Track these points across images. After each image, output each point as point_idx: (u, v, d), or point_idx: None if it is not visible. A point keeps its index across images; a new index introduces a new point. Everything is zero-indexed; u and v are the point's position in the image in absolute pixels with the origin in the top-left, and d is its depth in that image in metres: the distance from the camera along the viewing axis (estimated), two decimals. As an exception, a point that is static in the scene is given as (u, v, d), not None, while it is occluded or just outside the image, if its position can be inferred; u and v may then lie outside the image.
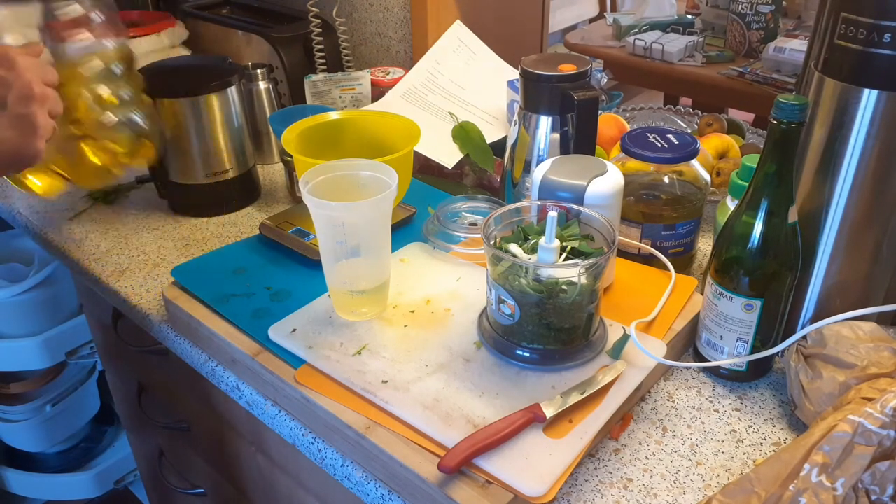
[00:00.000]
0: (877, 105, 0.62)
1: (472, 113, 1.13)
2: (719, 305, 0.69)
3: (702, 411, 0.70)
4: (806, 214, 0.68)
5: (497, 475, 0.58)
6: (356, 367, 0.69)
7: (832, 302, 0.71)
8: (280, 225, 0.90)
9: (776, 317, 0.70)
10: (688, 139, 0.86)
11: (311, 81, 1.19)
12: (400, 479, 0.61)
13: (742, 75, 1.97)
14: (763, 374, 0.74)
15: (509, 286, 0.67)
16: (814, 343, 0.66)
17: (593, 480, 0.62)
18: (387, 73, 1.24)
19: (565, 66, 0.85)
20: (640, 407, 0.70)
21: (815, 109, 0.66)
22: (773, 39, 2.00)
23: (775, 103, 0.62)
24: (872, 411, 0.54)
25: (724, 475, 0.63)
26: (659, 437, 0.67)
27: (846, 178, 0.65)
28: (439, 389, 0.66)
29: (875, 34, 0.59)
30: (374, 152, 0.89)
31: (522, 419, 0.61)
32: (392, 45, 1.41)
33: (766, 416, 0.69)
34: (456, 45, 1.20)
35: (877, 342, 0.63)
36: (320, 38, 1.29)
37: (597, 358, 0.69)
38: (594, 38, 2.34)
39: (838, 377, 0.62)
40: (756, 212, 0.66)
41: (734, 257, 0.68)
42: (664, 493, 0.61)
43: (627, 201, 0.84)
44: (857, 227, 0.67)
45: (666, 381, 0.74)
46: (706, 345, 0.73)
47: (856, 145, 0.64)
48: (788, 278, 0.68)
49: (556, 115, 0.87)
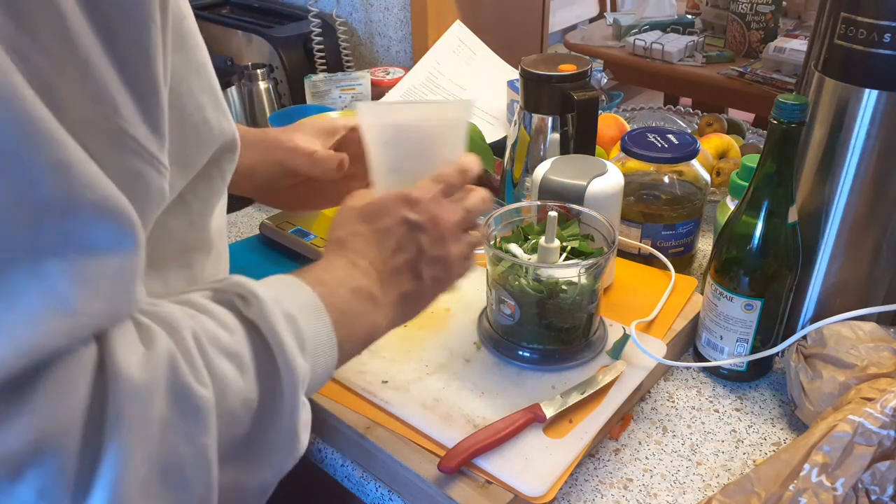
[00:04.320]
0: (877, 105, 0.62)
1: (472, 113, 1.13)
2: (719, 305, 0.69)
3: (702, 411, 0.70)
4: (806, 214, 0.68)
5: (497, 475, 0.58)
6: (356, 367, 0.69)
7: (832, 302, 0.71)
8: (280, 225, 0.90)
9: (776, 317, 0.70)
10: (688, 139, 0.86)
11: (311, 81, 1.19)
12: (400, 479, 0.61)
13: (742, 75, 1.97)
14: (763, 374, 0.74)
15: (509, 286, 0.67)
16: (814, 343, 0.66)
17: (593, 480, 0.62)
18: (387, 73, 1.24)
19: (565, 66, 0.85)
20: (640, 407, 0.70)
21: (815, 109, 0.66)
22: (773, 39, 2.00)
23: (775, 103, 0.62)
24: (872, 411, 0.54)
25: (724, 475, 0.63)
26: (659, 437, 0.67)
27: (846, 178, 0.65)
28: (439, 389, 0.66)
29: (875, 34, 0.59)
30: (374, 152, 0.89)
31: (522, 419, 0.61)
32: (392, 45, 1.41)
33: (766, 416, 0.69)
34: (456, 45, 1.20)
35: (877, 342, 0.63)
36: (320, 37, 1.29)
37: (597, 358, 0.69)
38: (594, 38, 2.34)
39: (838, 377, 0.62)
40: (756, 212, 0.66)
41: (734, 257, 0.68)
42: (664, 493, 0.61)
43: (627, 201, 0.84)
44: (857, 227, 0.67)
45: (666, 381, 0.74)
46: (706, 345, 0.73)
47: (856, 145, 0.64)
48: (788, 278, 0.68)
49: (556, 115, 0.87)
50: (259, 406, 0.40)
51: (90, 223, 0.31)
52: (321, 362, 0.46)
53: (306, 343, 0.44)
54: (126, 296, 0.34)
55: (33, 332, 0.29)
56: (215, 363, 0.39)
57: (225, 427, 0.38)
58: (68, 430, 0.31)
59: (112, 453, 0.32)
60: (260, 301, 0.42)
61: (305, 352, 0.44)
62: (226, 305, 0.43)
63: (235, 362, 0.40)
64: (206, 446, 0.37)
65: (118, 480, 0.32)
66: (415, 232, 0.53)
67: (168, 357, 0.36)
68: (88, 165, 0.31)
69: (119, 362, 0.33)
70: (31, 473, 0.30)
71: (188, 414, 0.36)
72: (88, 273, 0.31)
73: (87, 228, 0.31)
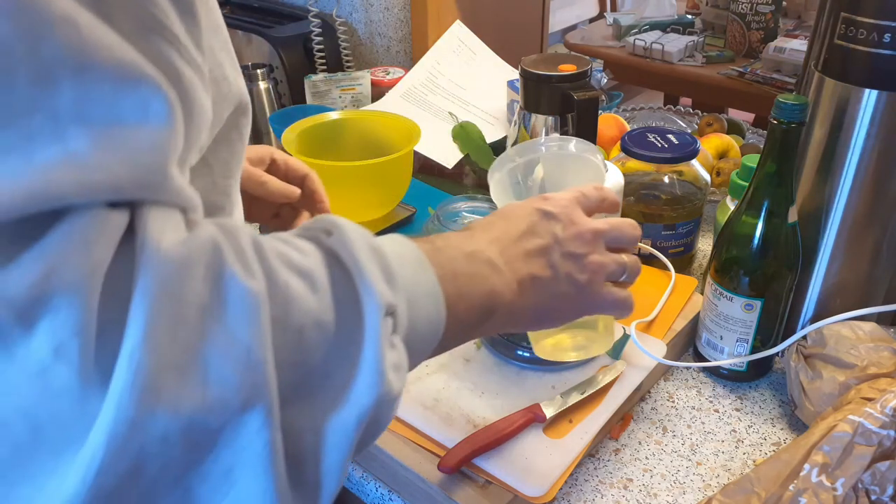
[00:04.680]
0: (877, 105, 0.62)
1: (472, 113, 1.13)
2: (719, 305, 0.69)
3: (702, 411, 0.70)
4: (806, 214, 0.68)
5: (497, 475, 0.58)
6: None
7: (832, 302, 0.71)
8: (280, 225, 0.90)
9: (776, 317, 0.70)
10: (688, 139, 0.86)
11: (311, 81, 1.19)
12: (400, 480, 0.61)
13: (742, 75, 1.97)
14: (763, 374, 0.74)
15: (509, 286, 0.66)
16: (814, 343, 0.66)
17: (593, 480, 0.62)
18: (387, 73, 1.24)
19: (565, 66, 0.85)
20: (640, 407, 0.70)
21: (815, 109, 0.66)
22: (773, 39, 2.00)
23: (775, 103, 0.62)
24: (872, 411, 0.54)
25: (724, 475, 0.63)
26: (659, 437, 0.67)
27: (846, 177, 0.65)
28: (439, 389, 0.66)
29: (875, 34, 0.59)
30: (375, 152, 0.89)
31: (522, 419, 0.61)
32: (392, 45, 1.41)
33: (766, 416, 0.69)
34: (456, 45, 1.20)
35: (877, 342, 0.63)
36: (320, 37, 1.29)
37: (597, 358, 0.69)
38: (594, 38, 2.34)
39: (838, 377, 0.62)
40: (756, 212, 0.66)
41: (734, 257, 0.68)
42: (664, 493, 0.61)
43: (627, 201, 0.84)
44: (857, 226, 0.67)
45: (666, 381, 0.74)
46: (706, 345, 0.73)
47: (856, 145, 0.64)
48: (788, 278, 0.68)
49: (556, 115, 0.87)
50: (336, 333, 0.36)
51: (110, 90, 0.30)
52: (422, 314, 0.41)
53: (396, 280, 0.40)
54: (157, 168, 0.32)
55: (45, 179, 0.28)
56: (276, 270, 0.35)
57: (293, 348, 0.34)
58: (82, 286, 0.28)
59: (138, 325, 0.29)
60: (341, 229, 0.39)
61: (395, 288, 0.39)
62: (307, 237, 0.40)
63: (307, 280, 0.36)
64: (253, 341, 0.32)
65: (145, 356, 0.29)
66: (549, 220, 0.50)
67: (212, 243, 0.33)
68: (103, 30, 0.30)
69: (152, 234, 0.31)
70: (44, 324, 0.28)
71: (230, 303, 0.32)
72: (109, 138, 0.30)
73: (107, 95, 0.30)
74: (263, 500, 0.32)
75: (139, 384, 0.28)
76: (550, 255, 0.49)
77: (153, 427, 0.29)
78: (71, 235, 0.29)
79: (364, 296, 0.37)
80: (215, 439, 0.31)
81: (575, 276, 0.50)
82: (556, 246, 0.49)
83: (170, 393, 0.29)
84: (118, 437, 0.28)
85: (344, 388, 0.36)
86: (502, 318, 0.48)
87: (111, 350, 0.29)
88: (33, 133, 0.28)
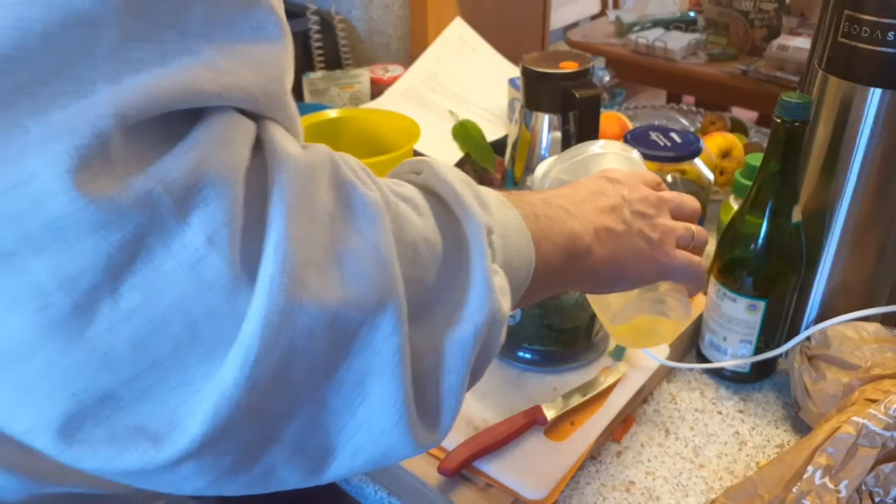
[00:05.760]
0: (881, 104, 0.61)
1: (472, 111, 1.13)
2: (723, 306, 0.69)
3: (705, 413, 0.69)
4: (810, 214, 0.68)
5: (498, 478, 0.58)
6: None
7: (836, 302, 0.70)
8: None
9: (780, 318, 0.69)
10: (691, 138, 0.85)
11: (309, 79, 1.19)
12: (400, 482, 0.61)
13: (745, 73, 1.96)
14: (767, 376, 0.73)
15: (510, 287, 0.66)
16: (818, 344, 0.65)
17: (595, 483, 0.62)
18: (386, 71, 1.23)
19: (567, 63, 0.84)
20: (643, 409, 0.70)
21: (818, 108, 0.65)
22: (776, 37, 1.99)
23: (779, 102, 0.61)
24: (876, 413, 0.54)
25: (728, 478, 0.62)
26: (661, 439, 0.66)
27: (850, 177, 0.65)
28: (439, 391, 0.66)
29: (879, 32, 0.58)
30: (374, 151, 0.89)
31: (523, 421, 0.61)
32: (391, 42, 1.41)
33: (769, 417, 0.69)
34: (456, 43, 1.20)
35: (881, 343, 0.62)
36: (319, 35, 1.28)
37: (599, 359, 0.69)
38: (596, 36, 2.33)
39: (842, 378, 0.61)
40: (760, 211, 0.65)
41: (738, 257, 0.67)
42: (667, 496, 0.61)
43: (629, 200, 0.83)
44: (861, 226, 0.66)
45: (669, 383, 0.73)
46: (709, 346, 0.72)
47: (860, 144, 0.63)
48: (792, 279, 0.67)
49: (557, 113, 0.86)
50: (444, 253, 0.37)
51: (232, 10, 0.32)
52: (513, 246, 0.42)
53: (490, 207, 0.41)
54: (278, 79, 0.34)
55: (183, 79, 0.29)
56: (385, 191, 0.36)
57: (409, 263, 0.35)
58: (229, 177, 0.29)
59: (279, 221, 0.30)
60: (430, 165, 0.41)
61: (489, 214, 0.41)
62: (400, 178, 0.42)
63: (410, 204, 0.38)
64: (380, 243, 0.33)
65: (290, 247, 0.30)
66: (615, 184, 0.52)
67: (330, 157, 0.34)
68: None
69: (279, 141, 0.32)
70: (198, 214, 0.28)
71: (355, 209, 0.33)
72: (233, 52, 0.32)
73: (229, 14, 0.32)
74: (392, 414, 0.33)
75: (287, 274, 0.29)
76: (621, 210, 0.50)
77: (302, 318, 0.29)
78: (215, 131, 0.30)
79: (465, 218, 0.38)
80: (353, 339, 0.32)
81: (647, 233, 0.51)
82: (625, 204, 0.51)
83: (314, 285, 0.30)
84: (271, 326, 0.28)
85: (458, 305, 0.37)
86: (582, 268, 0.48)
87: (256, 245, 0.30)
88: (166, 47, 0.29)
